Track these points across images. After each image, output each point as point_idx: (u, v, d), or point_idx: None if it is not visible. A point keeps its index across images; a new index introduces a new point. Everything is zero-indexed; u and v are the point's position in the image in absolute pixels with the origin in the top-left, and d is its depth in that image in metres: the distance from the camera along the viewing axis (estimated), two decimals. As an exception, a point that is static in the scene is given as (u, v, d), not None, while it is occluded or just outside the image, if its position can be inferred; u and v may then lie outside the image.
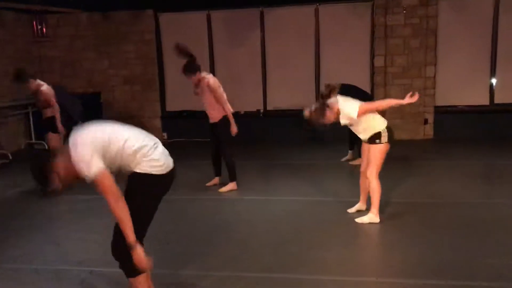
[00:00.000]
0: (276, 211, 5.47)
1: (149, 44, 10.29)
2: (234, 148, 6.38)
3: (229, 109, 6.05)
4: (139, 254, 2.78)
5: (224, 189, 6.26)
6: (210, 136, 6.34)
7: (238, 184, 6.33)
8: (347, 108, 4.68)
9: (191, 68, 5.89)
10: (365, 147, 4.94)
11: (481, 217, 5.04)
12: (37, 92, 6.53)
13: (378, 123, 4.77)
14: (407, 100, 4.65)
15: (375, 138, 4.75)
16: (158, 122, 10.56)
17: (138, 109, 10.42)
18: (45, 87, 6.49)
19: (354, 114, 4.64)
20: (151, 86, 10.42)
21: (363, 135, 4.85)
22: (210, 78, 5.99)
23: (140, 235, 2.90)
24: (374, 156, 4.78)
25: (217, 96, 5.96)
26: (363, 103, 4.70)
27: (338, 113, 4.73)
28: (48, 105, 6.49)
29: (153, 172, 2.93)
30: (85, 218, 5.35)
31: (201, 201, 5.98)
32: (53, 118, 6.50)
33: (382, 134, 4.72)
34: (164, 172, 3.00)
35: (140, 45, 10.27)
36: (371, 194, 4.90)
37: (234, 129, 6.07)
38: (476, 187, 6.34)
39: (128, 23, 10.23)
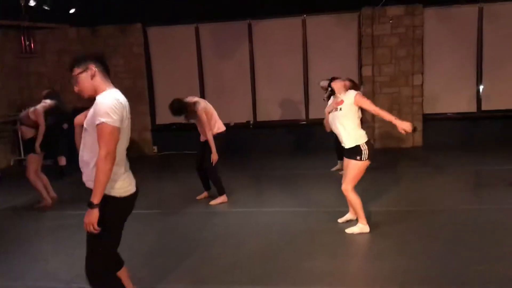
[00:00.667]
0: (266, 223, 5.46)
1: (138, 57, 10.31)
2: (225, 160, 6.37)
3: (212, 138, 6.00)
4: (93, 214, 2.72)
5: (214, 202, 6.25)
6: (198, 150, 6.34)
7: (228, 196, 6.32)
8: (352, 92, 4.84)
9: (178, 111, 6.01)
10: (345, 162, 4.96)
11: (470, 223, 5.08)
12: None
13: (362, 134, 4.80)
14: (402, 125, 4.55)
15: (355, 154, 4.75)
16: (148, 135, 10.56)
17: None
18: (39, 106, 6.41)
19: (355, 92, 4.79)
20: (141, 99, 10.42)
21: (347, 141, 4.83)
22: (199, 105, 6.01)
23: (105, 262, 2.92)
24: (352, 172, 4.79)
25: (202, 123, 6.01)
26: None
27: (339, 90, 4.88)
28: (34, 124, 6.37)
29: (116, 195, 2.86)
30: (74, 234, 5.30)
31: (190, 214, 5.96)
32: (34, 139, 6.37)
33: (363, 151, 4.71)
34: (126, 194, 2.92)
35: (129, 59, 10.29)
36: (353, 207, 4.94)
37: (214, 156, 6.00)
38: (464, 193, 6.38)
39: (117, 36, 10.26)
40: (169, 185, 7.69)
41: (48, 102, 6.51)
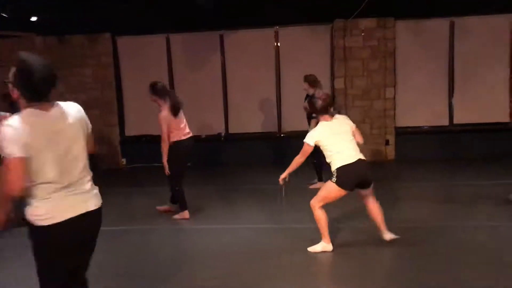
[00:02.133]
0: (230, 241, 5.27)
1: (107, 67, 10.06)
2: (194, 174, 6.18)
3: (166, 146, 5.84)
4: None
5: (177, 216, 6.06)
6: None
7: (195, 212, 6.14)
8: (312, 131, 4.89)
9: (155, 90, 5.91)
10: None
11: (441, 240, 4.96)
12: None
13: (334, 160, 4.68)
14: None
15: (332, 174, 4.69)
16: (117, 147, 10.28)
17: (96, 134, 10.07)
18: None
19: (307, 139, 4.79)
20: (110, 110, 10.16)
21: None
22: (162, 111, 5.84)
23: None
24: (323, 189, 4.75)
25: (162, 130, 5.83)
26: (311, 143, 4.75)
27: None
28: None
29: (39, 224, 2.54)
30: (23, 254, 5.03)
31: (154, 231, 5.73)
32: None
33: (334, 175, 4.63)
34: (49, 223, 2.54)
35: (97, 69, 10.03)
36: (318, 224, 4.78)
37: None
38: (436, 209, 6.26)
39: (85, 46, 10.00)
40: (136, 199, 7.46)
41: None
